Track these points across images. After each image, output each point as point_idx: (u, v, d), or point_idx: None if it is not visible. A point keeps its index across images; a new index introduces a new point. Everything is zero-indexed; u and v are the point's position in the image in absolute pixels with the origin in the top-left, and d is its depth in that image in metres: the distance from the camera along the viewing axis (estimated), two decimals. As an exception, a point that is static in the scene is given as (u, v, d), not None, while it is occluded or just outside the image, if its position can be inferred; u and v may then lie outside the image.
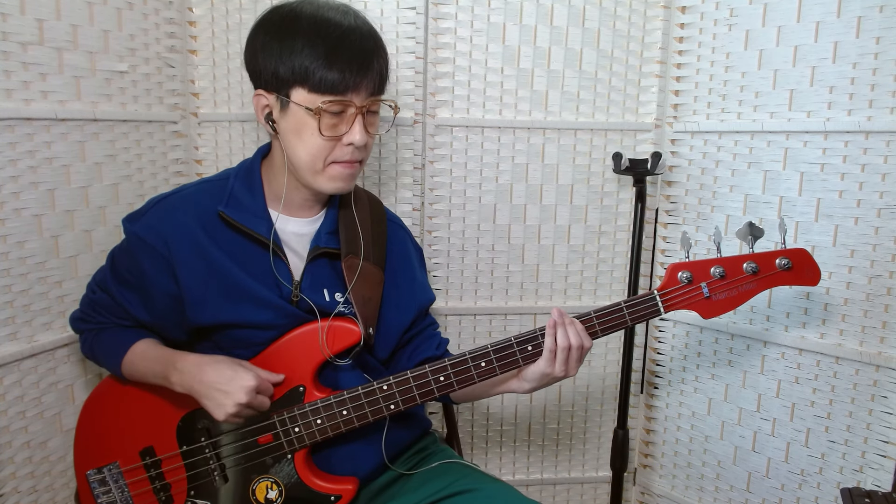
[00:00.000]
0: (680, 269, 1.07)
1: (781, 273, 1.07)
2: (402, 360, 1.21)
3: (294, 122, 1.01)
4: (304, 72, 0.98)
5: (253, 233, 1.06)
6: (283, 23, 1.01)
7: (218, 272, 1.06)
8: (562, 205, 1.62)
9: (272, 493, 1.08)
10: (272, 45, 1.00)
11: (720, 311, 1.08)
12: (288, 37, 0.99)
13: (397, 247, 1.21)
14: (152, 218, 1.07)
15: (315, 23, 0.99)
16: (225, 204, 1.07)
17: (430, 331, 1.25)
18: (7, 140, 1.16)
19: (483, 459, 1.74)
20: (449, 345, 1.27)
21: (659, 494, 1.71)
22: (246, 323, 1.07)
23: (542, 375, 1.06)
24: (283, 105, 1.01)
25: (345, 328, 1.08)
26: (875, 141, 1.28)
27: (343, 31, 0.99)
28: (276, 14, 1.03)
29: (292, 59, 0.98)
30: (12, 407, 1.21)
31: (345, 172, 1.05)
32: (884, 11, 1.24)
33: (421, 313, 1.22)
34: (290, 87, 1.00)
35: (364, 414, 1.06)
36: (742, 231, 1.07)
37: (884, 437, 1.32)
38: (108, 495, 1.11)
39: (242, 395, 1.00)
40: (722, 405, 1.56)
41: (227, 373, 1.01)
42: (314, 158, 1.02)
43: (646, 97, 1.58)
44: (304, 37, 0.98)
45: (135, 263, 1.09)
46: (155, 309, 1.11)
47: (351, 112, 1.01)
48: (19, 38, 1.16)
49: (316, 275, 1.10)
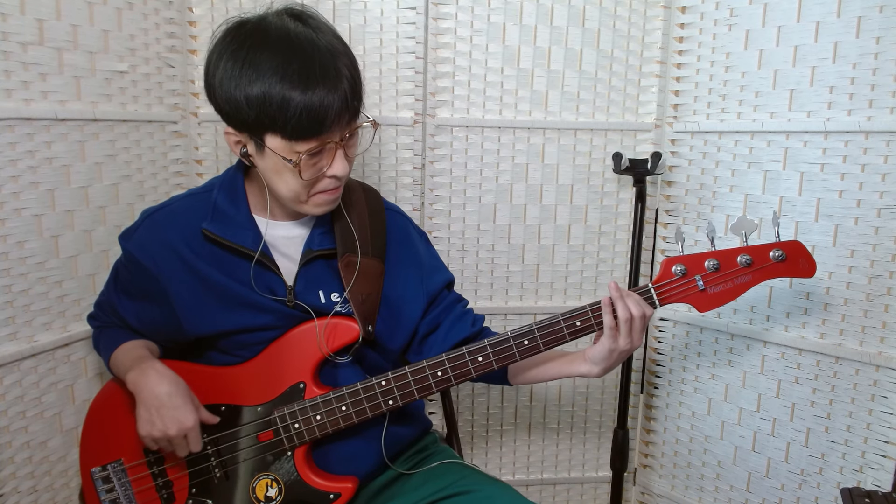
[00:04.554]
0: (674, 262, 1.07)
1: (776, 265, 1.07)
2: (437, 345, 1.18)
3: (272, 163, 0.98)
4: (273, 121, 0.92)
5: (238, 247, 1.06)
6: (240, 57, 0.93)
7: (209, 285, 1.06)
8: (562, 205, 1.62)
9: (272, 490, 1.08)
10: (235, 87, 0.93)
11: (715, 305, 1.08)
12: (248, 76, 0.92)
13: (397, 235, 1.19)
14: (142, 236, 1.09)
15: (280, 61, 0.91)
16: (210, 220, 1.06)
17: (460, 309, 1.22)
18: (7, 140, 1.16)
19: (483, 459, 1.74)
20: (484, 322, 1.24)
21: (659, 494, 1.71)
22: (245, 328, 1.08)
23: (609, 352, 1.05)
24: (259, 146, 0.97)
25: (344, 325, 1.08)
26: (875, 141, 1.28)
27: (305, 60, 0.92)
28: (231, 44, 0.95)
29: (260, 107, 0.92)
30: (12, 407, 1.21)
31: (330, 198, 1.04)
32: (884, 11, 1.24)
33: (436, 296, 1.19)
34: (262, 132, 0.95)
35: (363, 409, 1.06)
36: (736, 225, 1.07)
37: (884, 437, 1.32)
38: (111, 492, 1.12)
39: (173, 429, 1.01)
40: (722, 405, 1.56)
41: (177, 401, 1.02)
42: (297, 194, 1.01)
43: (646, 97, 1.58)
44: (267, 78, 0.91)
45: (133, 277, 1.13)
46: (145, 319, 1.15)
47: (330, 147, 0.98)
48: (19, 38, 1.16)
49: (310, 277, 1.10)
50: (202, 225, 1.06)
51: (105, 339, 1.19)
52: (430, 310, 1.19)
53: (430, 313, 1.18)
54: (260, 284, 1.07)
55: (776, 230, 1.08)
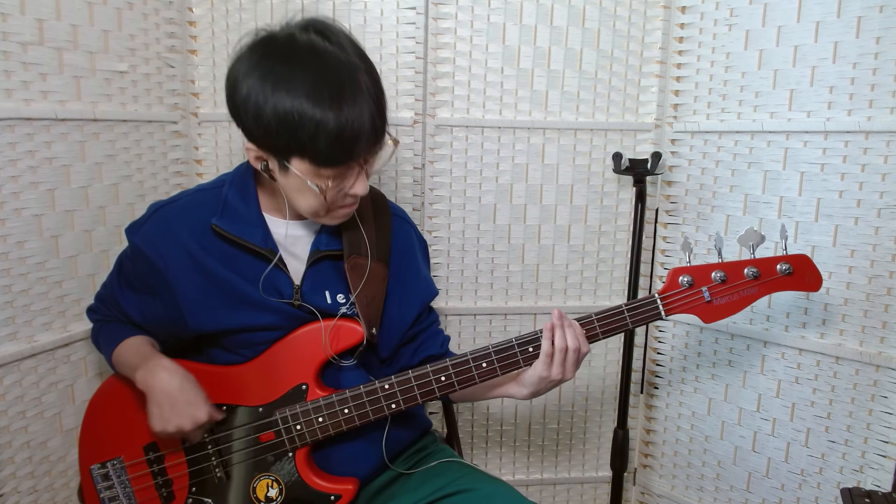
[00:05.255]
0: (681, 272, 1.07)
1: (782, 278, 1.07)
2: (406, 357, 1.20)
3: (295, 183, 0.98)
4: (303, 146, 0.92)
5: (247, 243, 1.06)
6: (274, 78, 0.91)
7: (216, 281, 1.07)
8: (562, 205, 1.62)
9: (272, 491, 1.08)
10: (264, 106, 0.91)
11: (721, 316, 1.08)
12: (283, 99, 0.90)
13: (402, 241, 1.20)
14: (150, 230, 1.09)
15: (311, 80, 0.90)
16: (220, 215, 1.07)
17: (434, 328, 1.25)
18: (7, 140, 1.16)
19: (483, 459, 1.74)
20: (449, 344, 1.27)
21: (659, 494, 1.71)
22: (249, 327, 1.08)
23: (539, 379, 1.06)
24: (282, 166, 0.97)
25: (348, 328, 1.08)
26: (875, 141, 1.28)
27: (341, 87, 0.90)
28: (263, 61, 0.93)
29: (290, 132, 0.91)
30: (12, 407, 1.21)
31: (348, 212, 1.05)
32: (884, 11, 1.24)
33: (425, 309, 1.22)
34: (289, 155, 0.95)
35: (365, 413, 1.06)
36: (744, 237, 1.07)
37: (884, 437, 1.32)
38: (110, 490, 1.12)
39: (188, 423, 1.02)
40: (722, 405, 1.56)
41: (190, 396, 1.03)
42: (316, 210, 1.02)
43: (646, 97, 1.58)
44: (300, 101, 0.89)
45: (137, 271, 1.13)
46: (148, 314, 1.15)
47: (353, 169, 0.99)
48: (19, 38, 1.16)
49: (317, 277, 1.10)
50: (212, 220, 1.06)
51: (106, 335, 1.18)
52: (416, 320, 1.20)
53: (414, 324, 1.20)
54: (267, 282, 1.07)
55: (784, 243, 1.08)
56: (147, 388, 1.03)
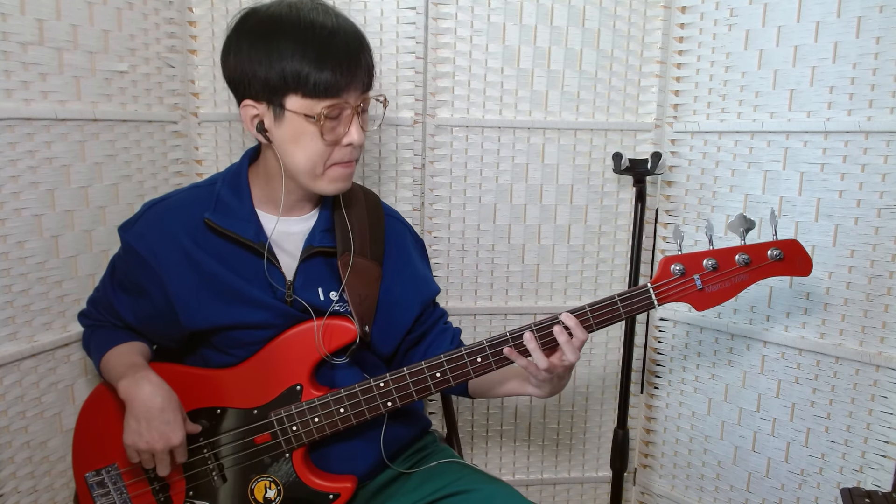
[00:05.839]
0: (672, 261, 1.07)
1: (773, 264, 1.08)
2: (418, 357, 1.19)
3: (291, 129, 1.00)
4: (297, 77, 0.96)
5: (240, 237, 1.06)
6: (264, 28, 0.99)
7: (208, 277, 1.06)
8: (562, 205, 1.62)
9: (271, 492, 1.08)
10: (257, 53, 0.98)
11: (713, 303, 1.08)
12: (273, 42, 0.97)
13: (395, 241, 1.20)
14: (142, 227, 1.09)
15: (300, 25, 0.97)
16: (212, 210, 1.07)
17: (441, 325, 1.25)
18: (7, 140, 1.16)
19: (483, 459, 1.74)
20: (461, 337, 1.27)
21: (659, 494, 1.71)
22: (241, 324, 1.07)
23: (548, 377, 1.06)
24: (278, 114, 1.00)
25: (341, 326, 1.08)
26: (875, 141, 1.28)
27: (329, 31, 0.98)
28: (254, 19, 1.01)
29: (282, 65, 0.96)
30: (12, 407, 1.21)
31: (345, 172, 1.05)
32: (884, 11, 1.24)
33: (427, 307, 1.22)
34: (283, 94, 0.98)
35: (361, 411, 1.06)
36: (734, 223, 1.08)
37: (884, 437, 1.32)
38: (106, 497, 1.11)
39: (160, 444, 1.01)
40: (722, 405, 1.56)
41: (168, 416, 1.01)
42: (314, 164, 1.02)
43: (646, 97, 1.58)
44: (292, 40, 0.96)
45: (129, 270, 1.12)
46: (141, 314, 1.14)
47: (347, 113, 1.01)
48: (19, 38, 1.16)
49: (309, 274, 1.10)
50: (205, 215, 1.06)
51: (96, 340, 1.17)
52: (418, 320, 1.20)
53: (417, 324, 1.20)
54: (260, 277, 1.07)
55: (773, 228, 1.08)
56: (128, 399, 1.02)
